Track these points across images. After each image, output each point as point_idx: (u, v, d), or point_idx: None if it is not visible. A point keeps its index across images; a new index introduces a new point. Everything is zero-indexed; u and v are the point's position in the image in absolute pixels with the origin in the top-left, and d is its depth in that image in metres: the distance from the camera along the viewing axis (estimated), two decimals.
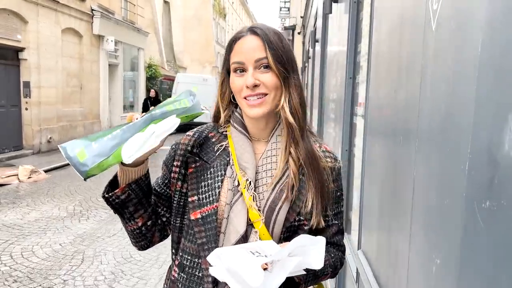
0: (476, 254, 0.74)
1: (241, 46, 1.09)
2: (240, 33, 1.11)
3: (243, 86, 1.07)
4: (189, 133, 1.17)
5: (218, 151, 1.13)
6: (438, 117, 0.97)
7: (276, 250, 0.91)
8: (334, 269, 1.19)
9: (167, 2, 26.80)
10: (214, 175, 1.10)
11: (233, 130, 1.14)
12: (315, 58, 6.46)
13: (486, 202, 0.70)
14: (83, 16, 13.04)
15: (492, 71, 0.71)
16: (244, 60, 1.07)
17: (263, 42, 1.07)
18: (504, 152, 0.65)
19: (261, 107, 1.07)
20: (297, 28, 14.75)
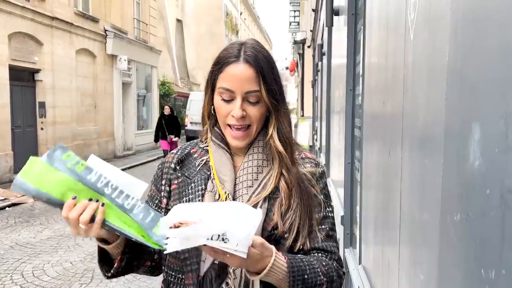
0: (452, 269, 0.71)
1: (233, 74, 1.05)
2: (233, 57, 1.06)
3: (229, 114, 1.07)
4: (174, 151, 1.20)
5: (199, 166, 1.14)
6: (417, 129, 0.95)
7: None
8: (330, 281, 1.07)
9: (180, 21, 27.28)
10: (194, 190, 1.10)
11: (212, 144, 1.14)
12: (323, 71, 6.47)
13: (457, 215, 0.68)
14: (96, 37, 13.35)
15: (458, 79, 0.69)
16: (234, 89, 1.05)
17: (257, 74, 1.05)
18: (469, 163, 0.63)
19: (244, 139, 1.09)
20: (307, 42, 14.82)
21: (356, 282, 2.04)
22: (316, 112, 10.28)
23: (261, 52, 1.09)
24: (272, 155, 1.11)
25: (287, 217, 1.06)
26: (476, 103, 0.62)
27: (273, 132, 1.10)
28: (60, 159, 0.94)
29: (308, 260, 1.04)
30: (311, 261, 1.04)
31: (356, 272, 2.21)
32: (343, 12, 3.06)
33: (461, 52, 0.69)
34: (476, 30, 0.63)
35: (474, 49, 0.64)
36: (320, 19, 7.72)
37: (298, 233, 1.07)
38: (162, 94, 20.61)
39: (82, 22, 12.47)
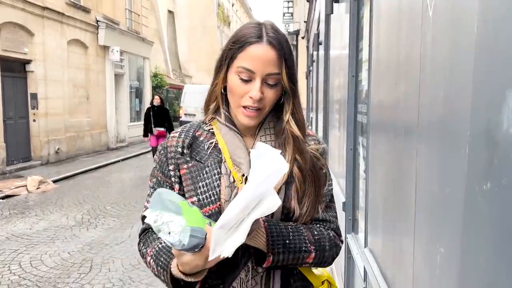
0: (478, 236, 0.72)
1: (255, 54, 1.03)
2: (254, 37, 1.04)
3: (245, 95, 1.05)
4: (174, 134, 1.15)
5: (209, 149, 1.11)
6: (437, 104, 0.95)
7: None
8: (321, 249, 1.09)
9: (171, 12, 27.03)
10: (210, 174, 1.08)
11: (221, 126, 1.12)
12: (319, 61, 6.47)
13: (487, 184, 0.69)
14: (88, 27, 13.19)
15: (489, 50, 0.70)
16: (255, 70, 1.03)
17: (279, 56, 1.04)
18: (503, 131, 0.64)
19: (255, 119, 1.08)
20: (301, 32, 14.78)
21: (361, 264, 2.06)
22: (310, 102, 10.29)
23: (282, 35, 1.09)
24: (286, 139, 1.10)
25: (303, 203, 1.09)
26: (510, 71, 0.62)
27: (290, 117, 1.11)
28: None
29: (295, 227, 1.07)
30: (299, 229, 1.07)
31: (360, 256, 2.23)
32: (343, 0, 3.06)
33: (490, 23, 0.69)
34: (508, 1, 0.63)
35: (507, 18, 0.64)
36: (315, 9, 7.69)
37: (308, 212, 1.10)
38: (155, 86, 20.48)
39: (73, 12, 12.30)
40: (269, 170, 0.89)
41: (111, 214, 6.29)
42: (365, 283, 1.99)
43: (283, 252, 1.03)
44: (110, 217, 6.14)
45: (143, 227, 1.17)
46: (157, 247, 1.08)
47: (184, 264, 0.96)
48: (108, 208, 6.67)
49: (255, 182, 0.89)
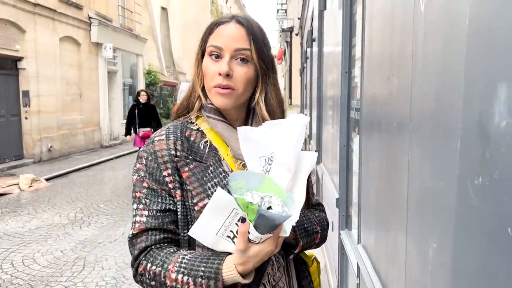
0: (471, 231, 0.72)
1: (223, 31, 1.04)
2: (224, 19, 1.07)
3: (216, 73, 1.03)
4: (160, 137, 1.05)
5: (205, 149, 1.07)
6: (429, 99, 0.95)
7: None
8: (323, 229, 1.17)
9: (164, 9, 26.88)
10: (216, 173, 1.03)
11: (215, 122, 1.07)
12: (313, 57, 6.46)
13: (479, 178, 0.68)
14: (80, 24, 13.08)
15: (480, 43, 0.69)
16: (223, 46, 1.03)
17: (247, 33, 1.04)
18: (494, 124, 0.63)
19: (226, 99, 1.04)
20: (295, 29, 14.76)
21: (355, 261, 2.06)
22: (304, 99, 10.29)
23: (255, 21, 1.10)
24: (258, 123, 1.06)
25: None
26: (502, 63, 0.62)
27: (259, 98, 1.08)
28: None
29: (303, 211, 1.12)
30: (306, 213, 1.14)
31: (353, 252, 2.23)
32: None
33: (484, 14, 0.68)
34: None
35: (499, 9, 0.63)
36: (309, 5, 7.68)
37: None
38: (148, 83, 20.38)
39: (65, 9, 12.19)
40: (295, 130, 0.93)
41: (104, 212, 6.25)
42: (358, 279, 1.99)
43: (305, 236, 1.09)
44: (103, 215, 6.11)
45: (143, 245, 1.00)
46: (184, 259, 0.94)
47: (250, 260, 0.89)
48: (101, 206, 6.64)
49: (290, 145, 0.92)
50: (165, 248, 1.00)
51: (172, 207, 1.02)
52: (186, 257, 0.95)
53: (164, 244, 1.01)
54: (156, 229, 1.01)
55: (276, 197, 0.85)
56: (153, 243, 1.00)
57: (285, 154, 0.92)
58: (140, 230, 1.01)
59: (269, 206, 0.84)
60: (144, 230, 1.01)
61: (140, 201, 1.02)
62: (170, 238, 1.02)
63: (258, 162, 0.95)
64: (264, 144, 0.96)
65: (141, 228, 1.01)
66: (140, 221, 1.01)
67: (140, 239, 1.01)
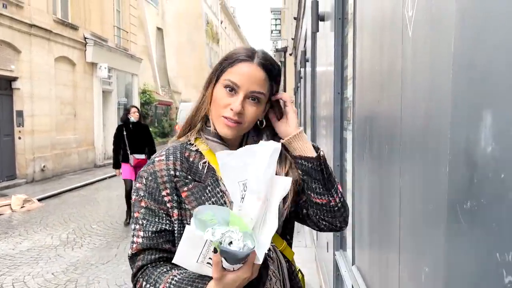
0: (461, 255, 0.72)
1: (244, 70, 1.07)
2: (247, 55, 1.09)
3: (227, 106, 1.07)
4: (160, 158, 1.09)
5: (204, 169, 1.10)
6: (418, 122, 0.96)
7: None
8: (343, 204, 1.16)
9: (160, 29, 27.17)
10: (214, 193, 1.06)
11: (213, 144, 1.12)
12: (306, 77, 6.53)
13: (467, 203, 0.69)
14: (76, 45, 13.17)
15: (465, 70, 0.71)
16: (240, 84, 1.06)
17: (266, 78, 1.09)
18: (481, 150, 0.64)
19: (234, 130, 1.09)
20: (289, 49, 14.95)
21: (349, 282, 2.04)
22: (299, 118, 10.34)
23: (274, 62, 1.14)
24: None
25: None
26: (486, 90, 0.63)
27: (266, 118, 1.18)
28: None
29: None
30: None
31: (348, 274, 2.21)
32: (329, 18, 3.11)
33: (468, 43, 0.70)
34: (483, 20, 0.64)
35: (482, 38, 0.65)
36: (302, 26, 7.80)
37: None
38: (143, 102, 20.44)
39: (61, 30, 12.28)
40: (265, 157, 0.95)
41: (97, 233, 6.18)
42: None
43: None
44: (96, 236, 6.03)
45: (140, 264, 1.05)
46: (173, 281, 0.99)
47: (228, 285, 0.92)
48: (94, 227, 6.56)
49: (260, 173, 0.93)
50: (159, 268, 1.04)
51: (168, 227, 1.06)
52: (175, 278, 1.00)
53: (159, 263, 1.05)
54: (152, 249, 1.05)
55: (237, 232, 0.87)
56: (149, 262, 1.05)
57: (256, 182, 0.95)
58: (137, 250, 1.06)
59: (230, 241, 0.86)
60: (141, 250, 1.06)
61: (137, 221, 1.07)
62: (166, 257, 1.06)
63: (237, 186, 0.98)
64: (239, 168, 0.99)
65: (138, 248, 1.06)
66: (136, 241, 1.06)
67: (138, 258, 1.06)
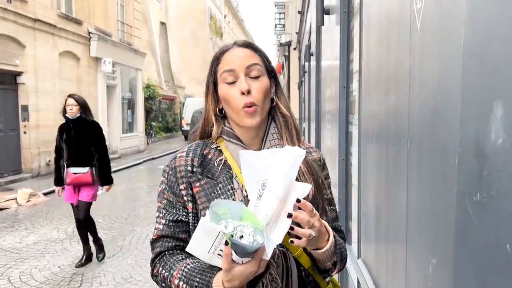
0: (470, 247, 0.72)
1: (230, 56, 1.12)
2: (226, 47, 1.15)
3: (237, 95, 1.08)
4: (181, 154, 1.15)
5: (219, 166, 1.12)
6: (426, 115, 0.96)
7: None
8: (342, 258, 1.15)
9: (163, 24, 27.13)
10: (224, 190, 1.09)
11: (228, 144, 1.14)
12: (311, 71, 6.51)
13: (477, 195, 0.69)
14: (80, 39, 13.18)
15: (476, 62, 0.71)
16: (235, 67, 1.09)
17: (251, 51, 1.13)
18: (491, 142, 0.64)
19: (256, 116, 1.09)
20: (293, 44, 14.89)
21: (355, 275, 2.05)
22: (303, 113, 10.33)
23: (253, 43, 1.19)
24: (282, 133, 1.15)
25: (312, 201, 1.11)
26: (498, 82, 0.63)
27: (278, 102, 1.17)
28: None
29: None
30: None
31: (353, 267, 2.22)
32: (334, 11, 3.09)
33: (479, 34, 0.70)
34: (495, 12, 0.64)
35: (494, 29, 0.65)
36: (307, 20, 7.77)
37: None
38: (147, 97, 20.46)
39: (65, 24, 12.29)
40: (288, 160, 0.97)
41: (102, 227, 6.21)
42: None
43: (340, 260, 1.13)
44: (102, 230, 6.06)
45: (158, 250, 1.12)
46: (186, 268, 1.04)
47: (235, 278, 0.95)
48: (100, 220, 6.59)
49: (281, 174, 0.96)
50: (175, 255, 1.10)
51: (184, 218, 1.12)
52: (188, 267, 1.04)
53: (175, 251, 1.12)
54: (170, 237, 1.12)
55: (249, 227, 0.90)
56: (166, 249, 1.11)
57: (276, 181, 0.98)
58: (157, 236, 1.13)
59: (241, 235, 0.90)
60: (160, 237, 1.12)
61: (160, 210, 1.15)
62: (181, 246, 1.11)
63: (256, 185, 1.01)
64: (260, 168, 1.01)
65: (158, 234, 1.13)
66: (158, 228, 1.14)
67: (157, 244, 1.13)
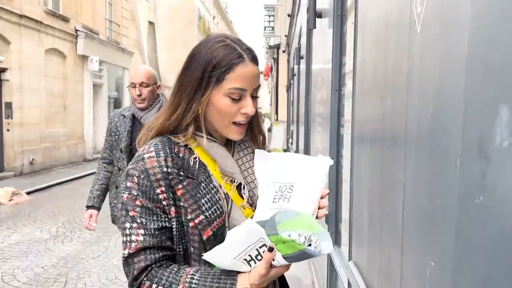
0: (471, 250, 0.73)
1: (245, 74, 1.06)
2: (236, 57, 1.05)
3: (237, 113, 1.07)
4: (150, 154, 1.04)
5: (195, 165, 1.07)
6: (426, 118, 0.97)
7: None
8: None
9: (152, 23, 26.95)
10: (208, 189, 1.06)
11: (203, 140, 1.09)
12: (300, 74, 6.53)
13: (480, 197, 0.69)
14: (67, 37, 13.00)
15: (480, 66, 0.71)
16: (247, 88, 1.07)
17: (258, 68, 1.12)
18: (496, 145, 0.65)
19: (243, 133, 1.12)
20: (282, 46, 14.93)
21: (345, 277, 2.06)
22: (291, 115, 10.35)
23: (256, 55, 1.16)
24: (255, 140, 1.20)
25: None
26: (503, 85, 0.64)
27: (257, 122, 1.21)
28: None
29: None
30: None
31: (344, 270, 2.23)
32: (327, 15, 3.11)
33: (481, 40, 0.71)
34: (499, 15, 0.65)
35: (499, 32, 0.65)
36: (297, 23, 7.80)
37: None
38: None
39: (52, 21, 12.11)
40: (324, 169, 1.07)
41: None
42: None
43: None
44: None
45: (142, 265, 0.99)
46: (194, 279, 0.96)
47: (267, 280, 0.95)
48: None
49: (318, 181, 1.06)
50: (167, 267, 1.00)
51: (167, 224, 1.02)
52: (195, 277, 0.97)
53: (163, 262, 1.01)
54: (155, 247, 1.00)
55: (314, 235, 0.93)
56: (153, 261, 0.99)
57: (311, 188, 1.05)
58: (137, 249, 1.00)
59: (309, 244, 0.92)
60: (142, 249, 1.00)
61: (134, 220, 1.01)
62: (168, 255, 1.02)
63: (272, 186, 1.04)
64: (281, 170, 1.06)
65: (138, 247, 1.00)
66: (137, 240, 1.00)
67: (138, 258, 0.99)
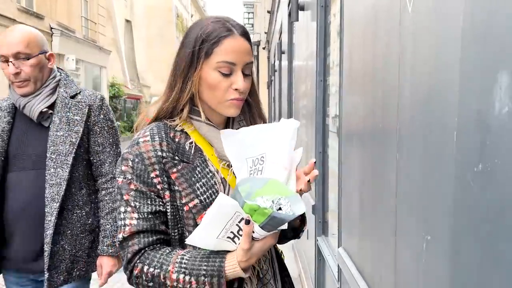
0: (470, 219, 0.74)
1: (234, 47, 1.04)
2: (225, 31, 1.04)
3: (228, 88, 1.04)
4: (145, 139, 1.04)
5: (191, 150, 1.06)
6: (421, 91, 0.98)
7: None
8: None
9: (129, 21, 26.58)
10: (204, 173, 1.05)
11: (200, 124, 1.08)
12: (282, 70, 6.56)
13: (479, 165, 0.71)
14: None
15: (477, 36, 0.73)
16: (236, 62, 1.04)
17: (249, 44, 1.09)
18: (495, 112, 0.66)
19: (238, 109, 1.09)
20: (262, 43, 14.96)
21: (335, 264, 2.08)
22: (273, 111, 10.39)
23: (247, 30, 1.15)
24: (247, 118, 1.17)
25: None
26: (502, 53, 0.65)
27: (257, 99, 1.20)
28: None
29: None
30: None
31: (332, 257, 2.25)
32: (309, 7, 3.13)
33: (478, 12, 0.72)
34: None
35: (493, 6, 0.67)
36: (277, 19, 7.82)
37: None
38: (112, 96, 19.96)
39: (25, 19, 11.79)
40: (289, 131, 1.03)
41: None
42: (339, 283, 2.00)
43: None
44: None
45: (136, 248, 0.99)
46: (183, 260, 0.96)
47: (253, 255, 0.94)
48: None
49: (285, 144, 1.02)
50: (159, 249, 1.00)
51: (161, 208, 1.02)
52: (185, 257, 0.97)
53: (157, 245, 1.01)
54: (148, 231, 1.00)
55: (284, 198, 0.91)
56: (146, 245, 1.00)
57: (280, 154, 1.00)
58: (131, 233, 1.00)
59: (279, 208, 0.90)
60: (136, 233, 1.00)
61: (128, 203, 1.01)
62: (162, 238, 1.02)
63: (245, 163, 1.01)
64: (250, 145, 1.02)
65: (132, 230, 1.00)
66: (130, 223, 1.00)
67: (132, 241, 1.00)
